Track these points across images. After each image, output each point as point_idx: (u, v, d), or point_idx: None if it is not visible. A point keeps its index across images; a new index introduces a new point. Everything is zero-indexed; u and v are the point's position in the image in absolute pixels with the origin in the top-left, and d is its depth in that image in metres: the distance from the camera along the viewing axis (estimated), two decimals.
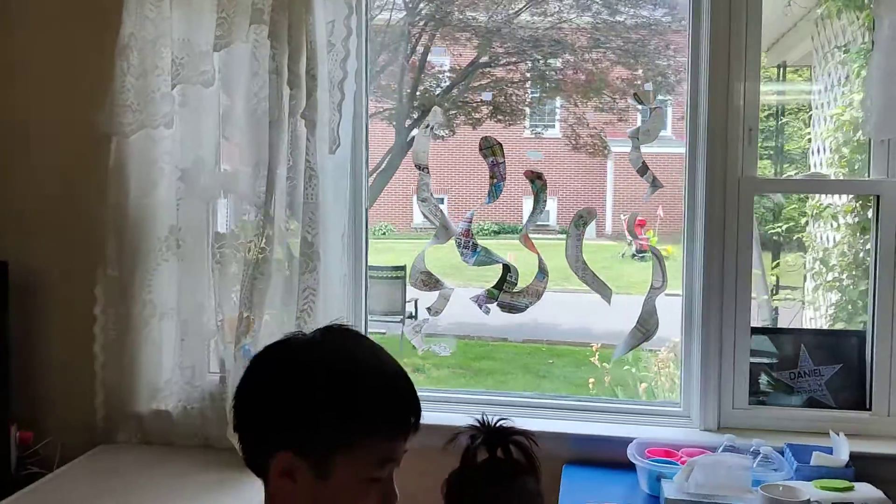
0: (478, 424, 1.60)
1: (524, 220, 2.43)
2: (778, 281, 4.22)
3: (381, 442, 1.05)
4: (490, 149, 2.41)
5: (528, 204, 2.41)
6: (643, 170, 2.31)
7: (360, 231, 2.52)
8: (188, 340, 2.42)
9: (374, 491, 1.06)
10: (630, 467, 2.11)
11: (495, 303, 2.39)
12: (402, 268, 6.92)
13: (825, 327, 3.30)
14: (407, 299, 6.89)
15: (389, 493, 1.09)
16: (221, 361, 2.44)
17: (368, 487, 1.06)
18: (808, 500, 1.73)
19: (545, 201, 2.41)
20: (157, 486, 2.12)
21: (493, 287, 2.40)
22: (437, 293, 2.45)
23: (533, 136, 9.66)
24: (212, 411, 2.39)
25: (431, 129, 2.47)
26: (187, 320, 2.40)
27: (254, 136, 2.34)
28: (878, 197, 2.24)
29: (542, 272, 2.39)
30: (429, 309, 2.49)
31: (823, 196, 3.40)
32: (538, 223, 2.42)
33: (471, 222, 2.45)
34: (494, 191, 2.43)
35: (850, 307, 3.23)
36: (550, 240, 2.44)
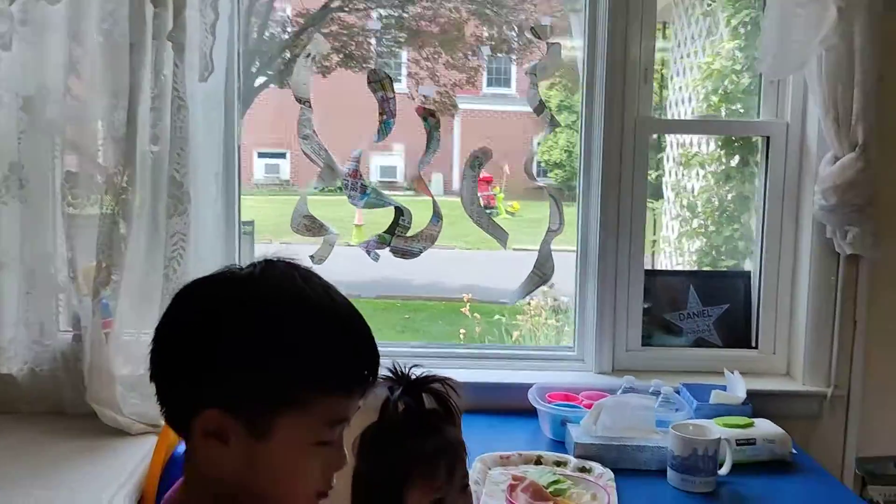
0: (392, 374, 1.45)
1: (418, 160, 2.28)
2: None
3: (333, 399, 0.88)
4: (379, 82, 2.24)
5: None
6: (540, 108, 2.22)
7: (232, 171, 2.29)
8: (34, 294, 2.11)
9: (321, 455, 0.89)
10: (529, 413, 2.04)
11: (387, 248, 2.24)
12: (251, 223, 6.59)
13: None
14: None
15: (338, 458, 0.92)
16: (75, 317, 2.15)
17: (315, 451, 0.88)
18: (719, 438, 1.72)
19: (439, 140, 2.27)
20: (2, 459, 1.84)
21: (384, 232, 2.25)
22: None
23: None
24: (65, 373, 2.12)
25: (313, 58, 2.26)
26: (33, 271, 2.10)
27: (110, 61, 2.04)
28: (767, 138, 2.26)
29: (437, 216, 2.26)
30: (312, 257, 2.31)
31: (691, 145, 3.46)
32: (385, 179, 2.28)
33: (358, 161, 2.28)
34: (384, 128, 2.26)
35: (713, 252, 3.33)
36: (401, 196, 2.31)
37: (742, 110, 2.89)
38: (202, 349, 0.85)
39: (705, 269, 2.77)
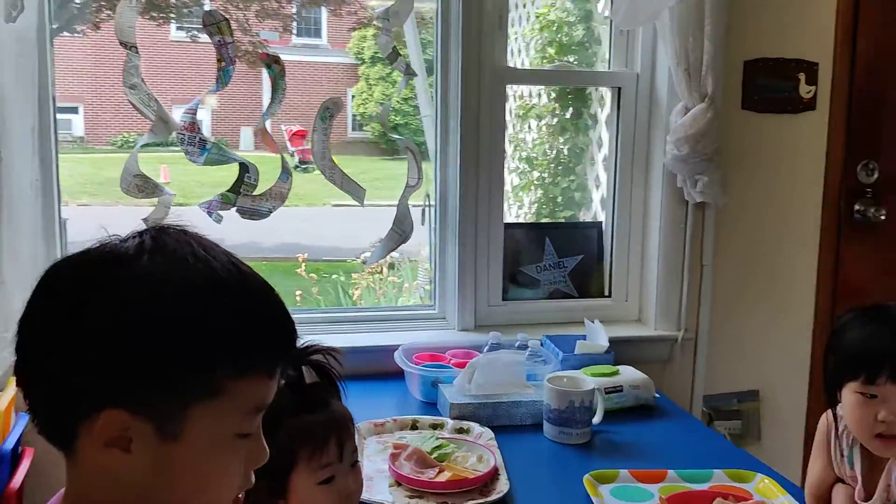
0: None
1: (263, 111, 2.11)
2: None
3: (255, 382, 0.75)
4: (216, 25, 2.03)
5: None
6: (394, 56, 2.11)
7: (47, 125, 2.01)
8: None
9: (242, 450, 0.76)
10: (393, 376, 1.97)
11: (232, 208, 2.06)
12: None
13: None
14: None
15: (260, 451, 0.79)
16: None
17: (236, 445, 0.75)
18: (594, 388, 1.72)
19: (285, 89, 2.10)
20: None
21: (228, 191, 2.06)
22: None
23: (187, 38, 8.87)
24: None
25: None
26: None
27: None
28: (619, 89, 2.28)
29: (286, 172, 2.10)
30: (146, 220, 2.08)
31: (530, 97, 3.47)
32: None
33: (195, 114, 2.07)
34: (223, 77, 2.06)
35: (551, 204, 3.39)
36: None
37: (576, 62, 2.91)
38: (93, 341, 0.69)
39: (560, 220, 2.79)
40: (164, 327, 0.69)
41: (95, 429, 0.69)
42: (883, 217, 2.27)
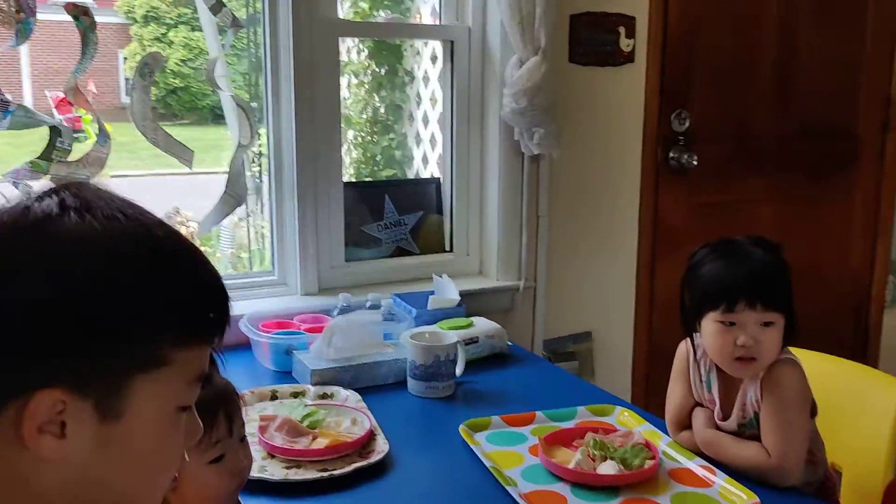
0: None
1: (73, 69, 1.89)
2: None
3: (194, 351, 0.68)
4: None
5: None
6: (217, 7, 1.97)
7: None
8: None
9: (182, 424, 0.69)
10: (236, 347, 1.88)
11: (45, 176, 1.85)
12: None
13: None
14: None
15: (195, 425, 0.72)
16: None
17: (177, 420, 0.68)
18: (456, 342, 1.73)
19: (96, 43, 1.90)
20: None
21: (39, 157, 1.85)
22: None
23: None
24: None
25: None
26: None
27: None
28: (451, 43, 2.27)
29: (104, 135, 1.91)
30: None
31: (347, 53, 3.39)
32: None
33: None
34: (24, 30, 1.83)
35: (371, 164, 3.36)
36: None
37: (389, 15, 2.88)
38: (22, 313, 0.59)
39: (399, 178, 2.75)
40: (107, 294, 0.60)
41: (28, 413, 0.60)
42: (695, 163, 2.45)
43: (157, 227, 0.66)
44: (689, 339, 1.45)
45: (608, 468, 1.31)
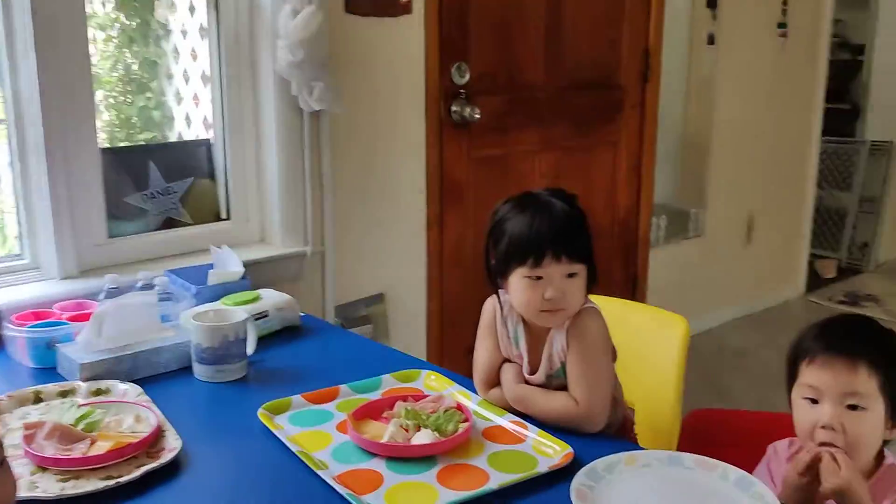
0: None
1: None
2: None
3: None
4: None
5: None
6: None
7: None
8: None
9: None
10: None
11: None
12: None
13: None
14: None
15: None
16: None
17: None
18: (246, 318, 1.59)
19: None
20: None
21: None
22: None
23: None
24: None
25: None
26: None
27: None
28: None
29: None
30: None
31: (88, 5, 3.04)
32: None
33: None
34: None
35: (126, 126, 3.07)
36: None
37: None
38: None
39: (164, 141, 2.49)
40: None
41: None
42: (477, 116, 2.44)
43: None
44: (495, 296, 1.42)
45: (423, 437, 1.26)
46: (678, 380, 1.63)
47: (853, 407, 1.19)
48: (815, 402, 1.21)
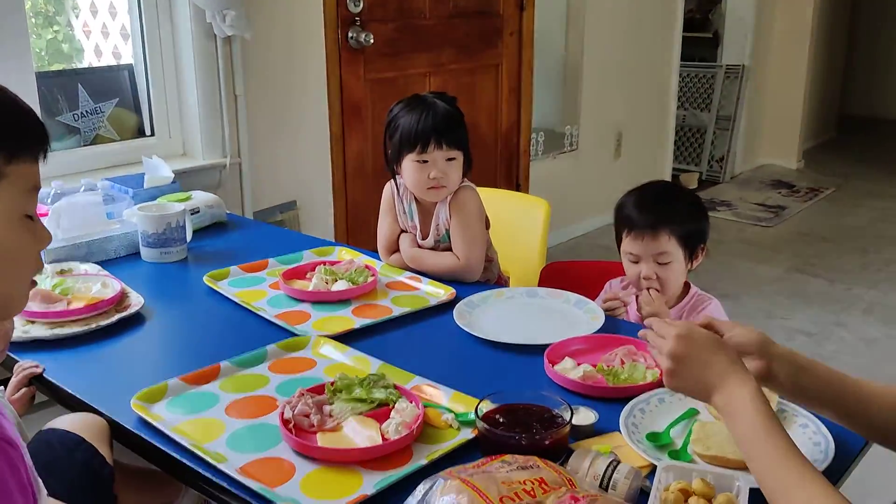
0: None
1: None
2: None
3: (25, 166, 0.83)
4: None
5: None
6: None
7: None
8: None
9: (31, 231, 0.85)
10: None
11: None
12: None
13: None
14: None
15: (44, 232, 0.88)
16: None
17: (25, 226, 0.85)
18: (184, 210, 1.88)
19: None
20: None
21: None
22: None
23: None
24: None
25: None
26: None
27: None
28: None
29: None
30: None
31: None
32: None
33: None
34: None
35: (37, 59, 3.20)
36: None
37: None
38: None
39: (90, 66, 2.69)
40: None
41: None
42: (372, 41, 2.74)
43: None
44: (392, 180, 1.76)
45: (341, 286, 1.61)
46: (542, 248, 2.03)
47: (662, 262, 1.60)
48: (635, 261, 1.63)
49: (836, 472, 1.03)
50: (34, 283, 0.90)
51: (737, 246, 4.12)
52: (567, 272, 1.80)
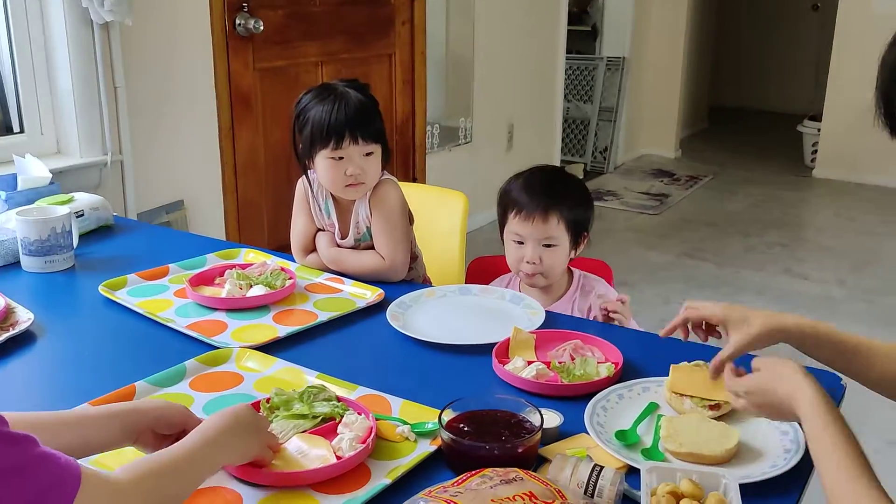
0: None
1: None
2: None
3: None
4: None
5: None
6: None
7: None
8: None
9: None
10: None
11: None
12: None
13: None
14: None
15: None
16: None
17: None
18: (69, 213, 1.68)
19: None
20: None
21: None
22: None
23: None
24: None
25: None
26: None
27: None
28: None
29: None
30: None
31: None
32: None
33: None
34: None
35: None
36: None
37: None
38: None
39: None
40: None
41: None
42: (261, 28, 2.58)
43: None
44: (305, 177, 1.63)
45: (257, 291, 1.47)
46: (462, 244, 1.95)
47: (548, 245, 1.56)
48: (520, 243, 1.57)
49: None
50: None
51: (627, 234, 4.19)
52: (496, 266, 1.73)
